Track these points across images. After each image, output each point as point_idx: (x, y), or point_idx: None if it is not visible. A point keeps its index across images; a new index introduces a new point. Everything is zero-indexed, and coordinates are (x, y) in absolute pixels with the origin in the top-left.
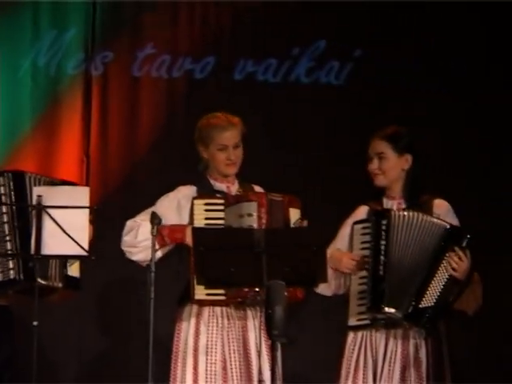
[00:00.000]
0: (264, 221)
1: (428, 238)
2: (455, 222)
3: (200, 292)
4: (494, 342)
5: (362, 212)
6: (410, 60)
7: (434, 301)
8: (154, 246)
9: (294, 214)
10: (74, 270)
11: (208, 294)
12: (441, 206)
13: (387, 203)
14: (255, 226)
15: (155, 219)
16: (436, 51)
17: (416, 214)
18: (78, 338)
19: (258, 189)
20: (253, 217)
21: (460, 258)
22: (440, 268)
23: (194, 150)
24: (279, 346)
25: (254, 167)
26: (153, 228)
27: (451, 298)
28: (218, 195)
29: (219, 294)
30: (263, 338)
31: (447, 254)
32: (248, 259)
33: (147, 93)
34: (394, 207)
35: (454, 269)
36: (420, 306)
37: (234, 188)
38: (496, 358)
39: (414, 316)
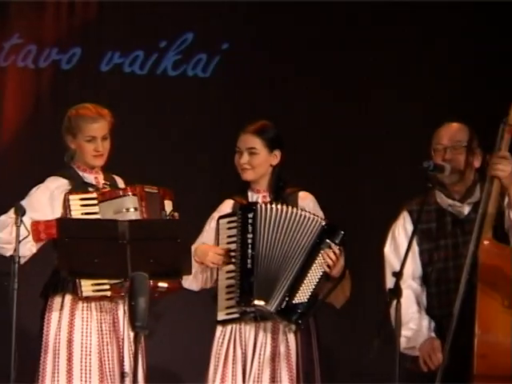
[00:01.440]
0: (145, 215)
1: (300, 233)
2: (320, 214)
3: (87, 289)
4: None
5: (227, 206)
6: (277, 52)
7: (307, 297)
8: (18, 236)
9: (168, 206)
10: None
11: (95, 291)
12: (305, 199)
13: (252, 196)
14: None
15: (19, 210)
16: (305, 43)
17: (285, 207)
18: None
19: (119, 180)
20: (131, 211)
21: (335, 255)
22: (314, 264)
23: (61, 140)
24: (142, 337)
25: (120, 159)
26: (17, 219)
27: (323, 293)
28: (91, 189)
29: (105, 289)
30: (128, 330)
31: (322, 251)
32: (112, 251)
33: (13, 83)
34: (260, 200)
35: (328, 266)
36: (293, 301)
37: (100, 178)
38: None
39: (287, 311)
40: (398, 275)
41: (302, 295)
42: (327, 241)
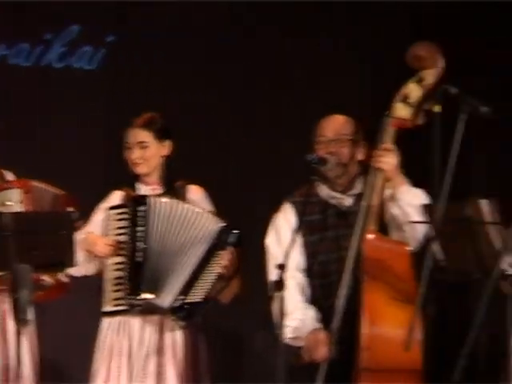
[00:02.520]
0: (31, 207)
1: (194, 230)
2: (210, 208)
3: None
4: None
5: (116, 197)
6: (165, 46)
7: (202, 296)
8: None
9: None
10: None
11: None
12: (196, 192)
13: (142, 189)
14: None
15: None
16: (195, 30)
17: (179, 203)
18: None
19: (9, 174)
20: (15, 204)
21: (231, 256)
22: (210, 264)
23: None
24: (27, 330)
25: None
26: None
27: (215, 292)
28: None
29: None
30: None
31: (218, 251)
32: None
33: None
34: (150, 193)
35: (224, 266)
36: (187, 300)
37: None
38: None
39: (178, 308)
40: (282, 267)
41: (197, 294)
42: (223, 240)
